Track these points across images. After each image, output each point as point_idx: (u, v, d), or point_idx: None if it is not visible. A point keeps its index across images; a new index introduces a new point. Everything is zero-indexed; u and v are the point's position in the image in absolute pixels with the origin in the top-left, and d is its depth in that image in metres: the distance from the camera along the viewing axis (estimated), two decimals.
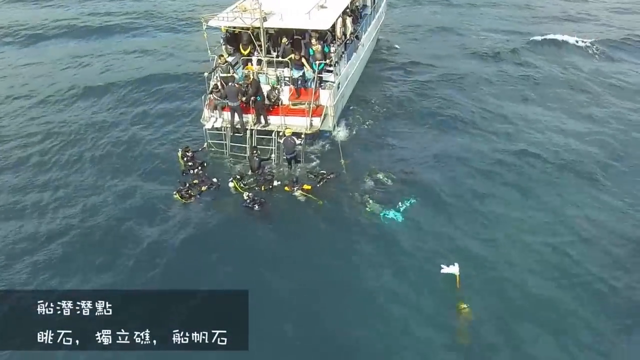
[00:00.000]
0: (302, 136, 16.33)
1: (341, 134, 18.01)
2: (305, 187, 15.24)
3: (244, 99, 16.50)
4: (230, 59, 17.48)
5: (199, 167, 16.05)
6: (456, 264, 12.46)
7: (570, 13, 31.09)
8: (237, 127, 16.83)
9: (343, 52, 18.30)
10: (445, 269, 12.47)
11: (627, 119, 19.68)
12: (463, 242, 13.66)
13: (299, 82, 17.13)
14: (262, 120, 16.89)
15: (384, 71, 23.48)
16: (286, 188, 15.37)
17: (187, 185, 15.26)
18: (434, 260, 12.90)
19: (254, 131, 16.77)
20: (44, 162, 17.28)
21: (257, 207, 14.62)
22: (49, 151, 17.88)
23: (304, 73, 16.99)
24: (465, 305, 11.77)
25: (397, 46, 26.25)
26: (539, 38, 26.71)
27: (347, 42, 18.82)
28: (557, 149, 17.54)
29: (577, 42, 26.15)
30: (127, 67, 24.30)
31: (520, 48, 25.83)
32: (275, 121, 16.88)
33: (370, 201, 14.87)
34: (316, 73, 16.84)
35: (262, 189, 15.27)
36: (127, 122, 19.52)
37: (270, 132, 16.74)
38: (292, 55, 16.82)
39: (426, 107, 20.36)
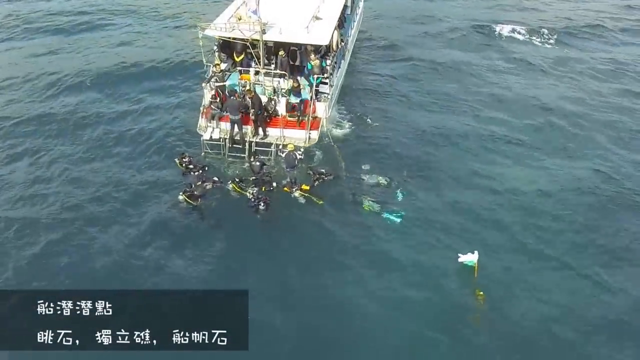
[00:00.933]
0: (302, 150, 16.44)
1: (335, 132, 18.10)
2: (304, 187, 15.34)
3: (251, 115, 16.51)
4: (223, 65, 17.66)
5: (200, 171, 15.96)
6: (475, 252, 12.19)
7: (539, 4, 32.26)
8: (236, 138, 16.92)
9: (335, 63, 18.55)
10: (463, 258, 12.23)
11: (597, 98, 21.17)
12: (463, 231, 13.88)
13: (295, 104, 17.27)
14: (261, 132, 17.02)
15: (364, 65, 23.77)
16: (285, 189, 15.47)
17: (192, 186, 15.17)
18: (436, 252, 13.14)
19: (252, 143, 16.86)
20: (33, 162, 16.83)
21: (262, 205, 14.56)
22: (40, 148, 17.40)
23: (301, 100, 17.17)
24: (482, 293, 11.80)
25: (372, 37, 26.46)
26: (509, 26, 27.63)
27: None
28: (537, 127, 19.02)
29: (544, 30, 27.34)
30: (111, 63, 23.41)
31: (491, 36, 26.86)
32: (273, 133, 17.01)
33: (369, 199, 15.01)
34: (313, 87, 17.05)
35: (263, 189, 15.31)
36: (117, 117, 19.16)
37: (269, 145, 16.84)
38: (292, 83, 17.00)
39: (412, 98, 20.94)
